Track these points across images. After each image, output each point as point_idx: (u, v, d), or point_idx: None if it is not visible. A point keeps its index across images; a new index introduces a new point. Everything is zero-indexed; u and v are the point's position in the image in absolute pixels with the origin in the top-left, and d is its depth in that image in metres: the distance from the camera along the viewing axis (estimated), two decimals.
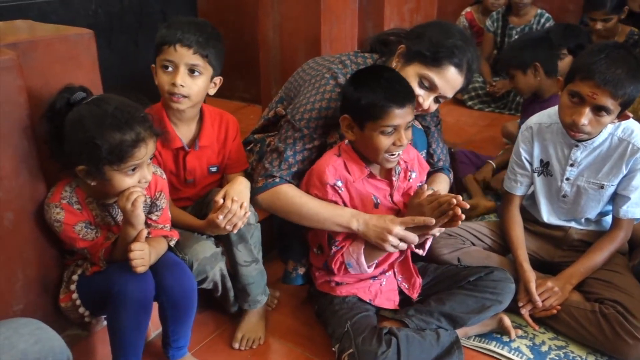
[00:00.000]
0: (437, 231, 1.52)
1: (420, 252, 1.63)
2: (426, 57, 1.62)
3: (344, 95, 1.59)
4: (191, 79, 1.56)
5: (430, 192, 1.54)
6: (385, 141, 1.51)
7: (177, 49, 1.52)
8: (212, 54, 1.58)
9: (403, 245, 1.53)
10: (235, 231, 1.55)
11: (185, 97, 1.56)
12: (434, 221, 1.45)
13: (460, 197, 1.44)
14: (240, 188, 1.57)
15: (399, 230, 1.51)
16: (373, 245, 1.56)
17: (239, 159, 1.79)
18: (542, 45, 2.55)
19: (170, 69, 1.55)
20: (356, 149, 1.61)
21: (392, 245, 1.52)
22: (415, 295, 1.74)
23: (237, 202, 1.51)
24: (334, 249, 1.62)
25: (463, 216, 1.42)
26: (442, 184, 1.88)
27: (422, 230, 1.51)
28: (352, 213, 1.57)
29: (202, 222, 1.60)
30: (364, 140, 1.55)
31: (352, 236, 1.60)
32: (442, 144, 1.97)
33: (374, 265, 1.62)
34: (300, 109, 1.73)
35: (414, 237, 1.51)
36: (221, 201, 1.51)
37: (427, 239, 1.59)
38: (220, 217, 1.50)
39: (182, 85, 1.54)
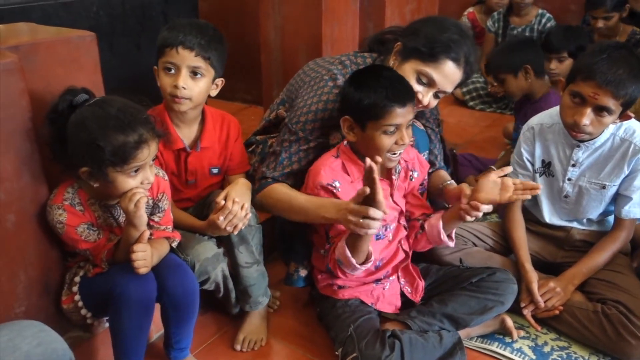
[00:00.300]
0: (484, 209, 1.50)
1: (450, 243, 1.64)
2: (423, 53, 1.62)
3: (343, 97, 1.58)
4: (193, 81, 1.57)
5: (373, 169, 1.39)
6: (387, 140, 1.51)
7: (179, 51, 1.53)
8: (214, 56, 1.58)
9: (370, 223, 1.38)
10: (236, 232, 1.55)
11: (187, 99, 1.57)
12: (368, 190, 1.35)
13: (369, 160, 1.34)
14: (242, 190, 1.57)
15: (352, 206, 1.41)
16: (354, 236, 1.46)
17: (240, 160, 1.80)
18: (529, 47, 2.58)
19: (172, 71, 1.56)
20: (356, 150, 1.61)
21: (354, 224, 1.40)
22: (418, 299, 1.73)
23: (238, 204, 1.51)
24: (327, 246, 1.62)
25: (538, 191, 1.53)
26: (449, 179, 1.87)
27: (376, 205, 1.37)
28: (333, 203, 1.52)
29: (203, 223, 1.60)
30: (365, 141, 1.55)
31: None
32: (442, 145, 1.98)
33: (369, 263, 1.50)
34: (298, 112, 1.74)
35: (365, 209, 1.37)
36: (222, 202, 1.51)
37: (454, 227, 1.63)
38: (221, 218, 1.50)
39: (184, 88, 1.55)
